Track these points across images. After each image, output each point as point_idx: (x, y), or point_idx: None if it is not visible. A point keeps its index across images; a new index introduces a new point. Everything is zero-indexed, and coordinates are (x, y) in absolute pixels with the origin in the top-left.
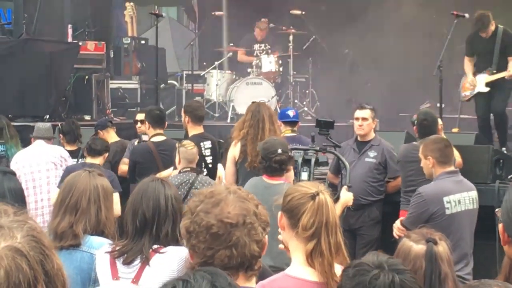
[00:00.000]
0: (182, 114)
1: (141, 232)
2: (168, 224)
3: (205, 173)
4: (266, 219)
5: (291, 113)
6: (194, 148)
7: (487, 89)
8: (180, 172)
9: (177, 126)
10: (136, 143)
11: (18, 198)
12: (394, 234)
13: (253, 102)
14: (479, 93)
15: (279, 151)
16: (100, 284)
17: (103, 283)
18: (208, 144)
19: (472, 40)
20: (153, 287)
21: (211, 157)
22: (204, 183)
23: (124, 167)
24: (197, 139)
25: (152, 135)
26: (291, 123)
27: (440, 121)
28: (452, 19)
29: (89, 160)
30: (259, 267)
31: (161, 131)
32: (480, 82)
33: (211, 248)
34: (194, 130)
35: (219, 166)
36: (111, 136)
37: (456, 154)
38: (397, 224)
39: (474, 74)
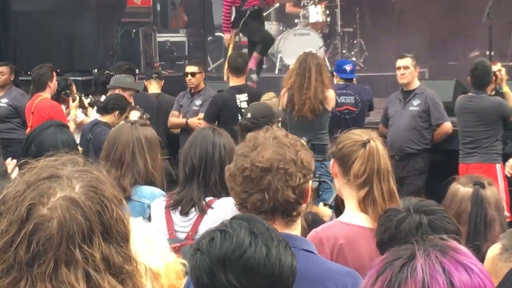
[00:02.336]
0: None
1: (191, 179)
2: (215, 172)
3: None
4: (309, 166)
5: (348, 67)
6: None
7: None
8: None
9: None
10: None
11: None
12: (507, 173)
13: (303, 52)
14: None
15: (248, 115)
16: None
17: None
18: (243, 96)
19: None
20: None
21: None
22: None
23: (173, 119)
24: (232, 91)
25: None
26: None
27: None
28: None
29: (100, 118)
30: (298, 214)
31: None
32: None
33: (245, 192)
34: (233, 81)
35: None
36: (152, 88)
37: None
38: (510, 163)
39: None
